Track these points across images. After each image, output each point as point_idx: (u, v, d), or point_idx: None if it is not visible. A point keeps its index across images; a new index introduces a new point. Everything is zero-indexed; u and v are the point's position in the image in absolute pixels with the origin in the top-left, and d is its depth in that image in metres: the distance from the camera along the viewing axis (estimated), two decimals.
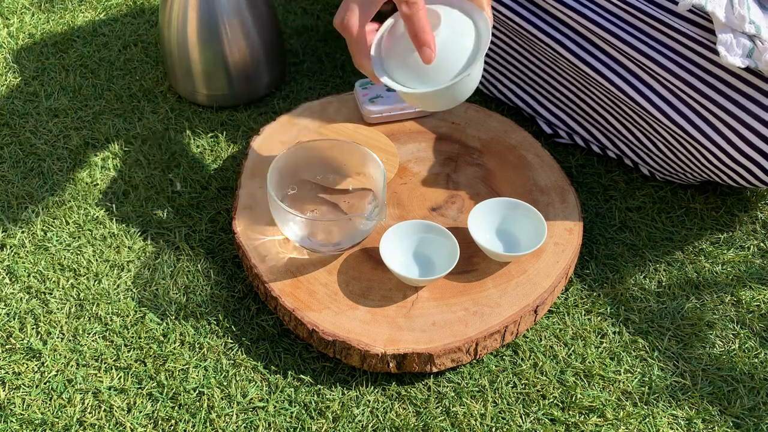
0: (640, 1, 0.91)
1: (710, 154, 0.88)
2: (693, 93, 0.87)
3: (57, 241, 0.95)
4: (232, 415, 0.79)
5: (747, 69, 0.85)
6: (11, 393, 0.81)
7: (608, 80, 0.92)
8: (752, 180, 0.88)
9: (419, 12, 0.73)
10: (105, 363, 0.83)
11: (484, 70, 1.11)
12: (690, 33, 0.87)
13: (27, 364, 0.83)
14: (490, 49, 1.07)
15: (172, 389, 0.81)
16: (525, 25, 0.96)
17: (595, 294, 0.90)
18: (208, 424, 0.79)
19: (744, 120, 0.85)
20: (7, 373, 0.82)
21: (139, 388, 0.81)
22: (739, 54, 0.82)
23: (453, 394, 0.81)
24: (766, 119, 0.84)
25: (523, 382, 0.82)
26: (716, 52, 0.85)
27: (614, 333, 0.86)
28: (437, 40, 0.75)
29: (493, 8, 0.99)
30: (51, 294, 0.89)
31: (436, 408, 0.80)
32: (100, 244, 0.95)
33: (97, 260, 0.93)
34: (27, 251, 0.94)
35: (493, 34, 1.05)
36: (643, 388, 0.82)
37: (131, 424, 0.78)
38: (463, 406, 0.80)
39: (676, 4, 0.89)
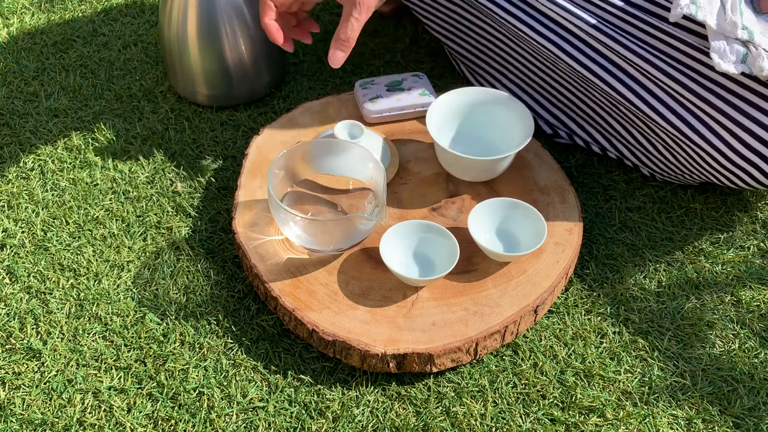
0: (636, 9, 0.91)
1: (709, 156, 0.88)
2: (691, 96, 0.87)
3: (57, 241, 0.95)
4: (232, 415, 0.79)
5: (743, 73, 0.85)
6: (11, 393, 0.81)
7: (606, 83, 0.92)
8: (751, 182, 0.88)
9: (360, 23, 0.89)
10: (105, 363, 0.83)
11: (484, 71, 1.11)
12: (686, 39, 0.88)
13: (27, 364, 0.83)
14: (490, 50, 1.07)
15: (172, 389, 0.81)
16: (523, 28, 0.96)
17: (595, 294, 0.90)
18: (208, 424, 0.79)
19: (742, 123, 0.85)
20: (7, 373, 0.82)
21: (139, 388, 0.81)
22: (733, 60, 0.82)
23: (453, 394, 0.81)
24: (764, 122, 0.84)
25: (523, 382, 0.82)
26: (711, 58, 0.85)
27: (614, 333, 0.86)
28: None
29: (492, 11, 0.99)
30: (51, 294, 0.89)
31: (436, 408, 0.80)
32: (100, 244, 0.95)
33: (97, 260, 0.93)
34: (27, 251, 0.94)
35: (492, 36, 1.05)
36: (643, 388, 0.82)
37: (131, 424, 0.78)
38: (463, 406, 0.80)
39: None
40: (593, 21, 0.91)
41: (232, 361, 0.84)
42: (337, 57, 0.90)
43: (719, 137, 0.86)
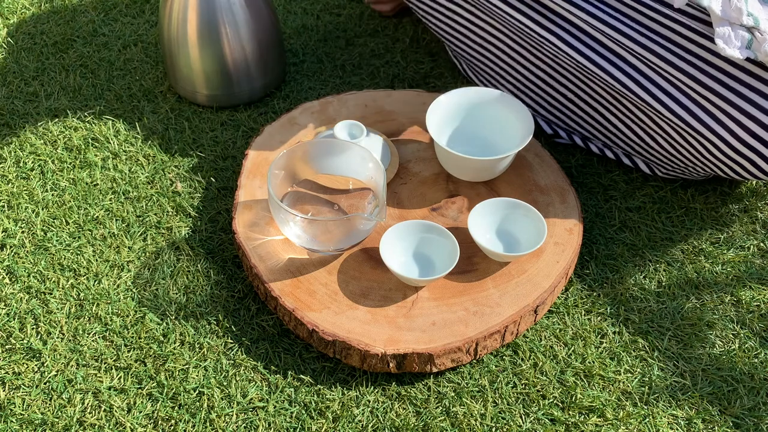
0: (637, 8, 0.91)
1: (712, 145, 0.87)
2: (693, 84, 0.87)
3: (57, 241, 0.95)
4: (232, 415, 0.79)
5: (747, 59, 0.85)
6: (11, 393, 0.81)
7: (608, 74, 0.92)
8: (754, 171, 0.87)
9: None
10: (105, 363, 0.83)
11: (484, 69, 1.11)
12: (690, 25, 0.87)
13: (27, 364, 0.83)
14: (491, 48, 1.07)
15: (172, 389, 0.81)
16: (525, 21, 0.96)
17: (595, 294, 0.90)
18: (208, 424, 0.79)
19: (746, 110, 0.85)
20: (7, 373, 0.82)
21: (139, 388, 0.81)
22: (738, 46, 0.82)
23: (453, 394, 0.81)
24: (766, 108, 0.84)
25: (523, 382, 0.82)
26: (715, 44, 0.85)
27: (614, 333, 0.86)
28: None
29: (493, 4, 0.99)
30: (51, 294, 0.89)
31: (436, 408, 0.80)
32: (100, 244, 0.95)
33: (97, 260, 0.93)
34: (27, 251, 0.94)
35: (493, 33, 1.05)
36: (643, 388, 0.82)
37: (131, 424, 0.78)
38: (463, 406, 0.80)
39: None
40: (593, 10, 0.91)
41: (232, 361, 0.84)
42: None
43: (722, 125, 0.86)
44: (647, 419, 0.79)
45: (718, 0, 0.83)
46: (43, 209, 0.98)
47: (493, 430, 0.78)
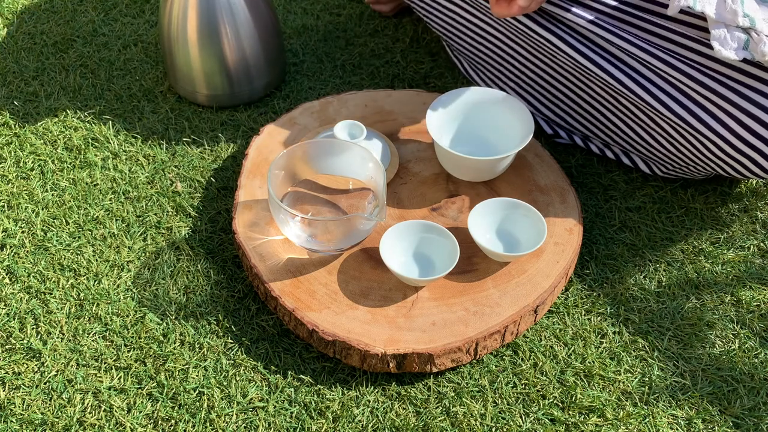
0: (631, 8, 0.91)
1: (711, 144, 0.88)
2: (693, 84, 0.87)
3: (57, 241, 0.95)
4: (232, 415, 0.79)
5: (744, 60, 0.85)
6: (11, 393, 0.81)
7: (608, 74, 0.92)
8: (755, 169, 0.87)
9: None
10: (105, 363, 0.83)
11: (485, 68, 1.11)
12: (685, 33, 0.88)
13: (27, 364, 0.83)
14: (491, 47, 1.07)
15: (172, 389, 0.81)
16: (525, 21, 0.96)
17: (595, 294, 0.90)
18: (208, 424, 0.79)
19: (746, 108, 0.85)
20: (7, 373, 0.82)
21: (139, 388, 0.81)
22: (734, 47, 0.83)
23: (453, 394, 0.81)
24: (766, 106, 0.84)
25: (523, 382, 0.82)
26: (712, 47, 0.85)
27: (614, 333, 0.86)
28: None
29: None
30: (51, 294, 0.89)
31: (436, 408, 0.80)
32: (100, 244, 0.95)
33: (97, 260, 0.93)
34: (27, 251, 0.94)
35: (493, 33, 1.05)
36: (643, 388, 0.82)
37: (131, 424, 0.78)
38: (463, 406, 0.80)
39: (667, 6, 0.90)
40: (590, 17, 0.91)
41: (232, 361, 0.84)
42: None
43: (723, 124, 0.86)
44: (647, 419, 0.79)
45: (712, 3, 0.83)
46: (43, 209, 0.98)
47: (493, 430, 0.78)
